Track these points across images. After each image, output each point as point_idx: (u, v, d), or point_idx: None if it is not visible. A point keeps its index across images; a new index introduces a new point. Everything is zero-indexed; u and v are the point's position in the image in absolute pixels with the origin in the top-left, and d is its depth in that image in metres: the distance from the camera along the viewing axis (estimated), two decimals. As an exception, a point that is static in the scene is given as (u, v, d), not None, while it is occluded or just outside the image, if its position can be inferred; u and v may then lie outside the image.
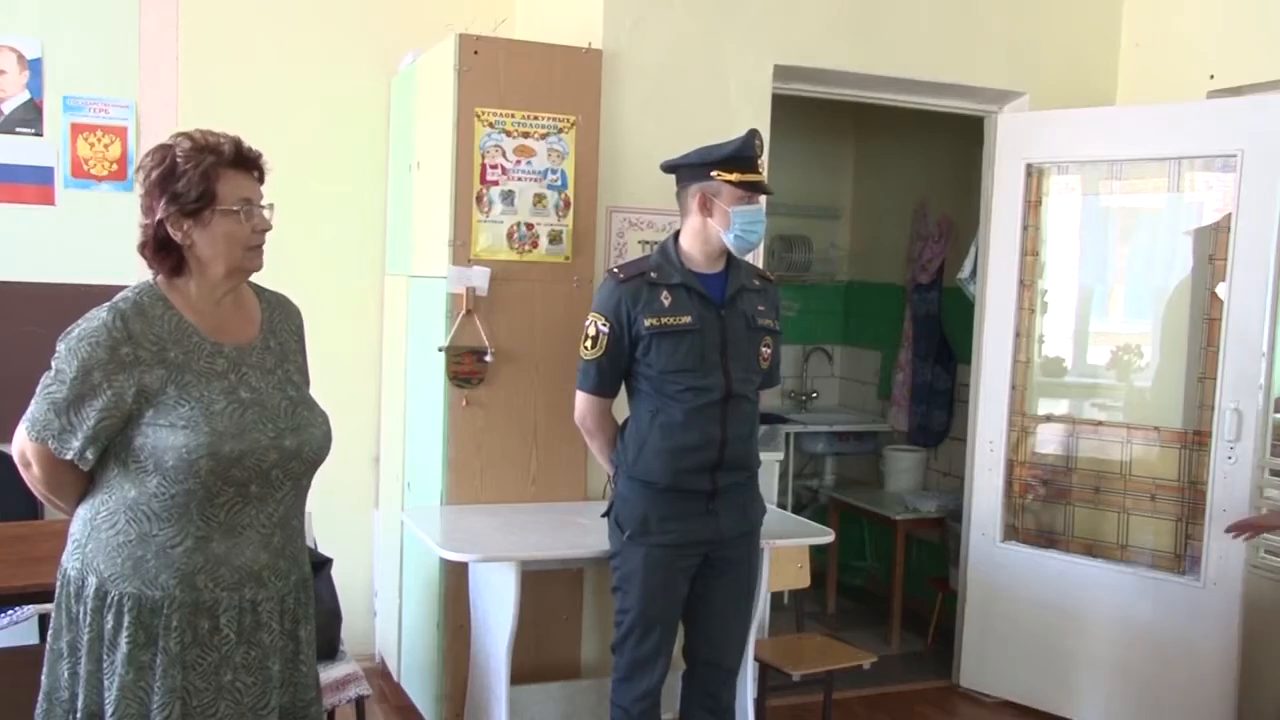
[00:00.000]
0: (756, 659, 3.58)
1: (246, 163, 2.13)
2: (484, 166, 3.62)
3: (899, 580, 5.21)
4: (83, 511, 2.14)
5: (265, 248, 2.16)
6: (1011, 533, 4.53)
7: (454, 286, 3.60)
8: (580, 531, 3.38)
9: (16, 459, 2.14)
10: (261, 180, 2.17)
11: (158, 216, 2.07)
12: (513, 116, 3.66)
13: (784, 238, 6.11)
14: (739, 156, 2.97)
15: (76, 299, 3.87)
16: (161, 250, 2.10)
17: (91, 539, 2.09)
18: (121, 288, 2.13)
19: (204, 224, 2.07)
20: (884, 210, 6.18)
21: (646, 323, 2.98)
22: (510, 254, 3.67)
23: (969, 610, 4.59)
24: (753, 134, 3.00)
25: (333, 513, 3.81)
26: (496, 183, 3.64)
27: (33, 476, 2.13)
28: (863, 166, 6.44)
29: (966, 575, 4.61)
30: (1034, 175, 4.45)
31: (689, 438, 2.97)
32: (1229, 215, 3.96)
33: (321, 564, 3.24)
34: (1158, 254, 4.49)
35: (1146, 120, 4.19)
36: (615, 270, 3.11)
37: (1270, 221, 3.84)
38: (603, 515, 3.17)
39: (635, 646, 3.05)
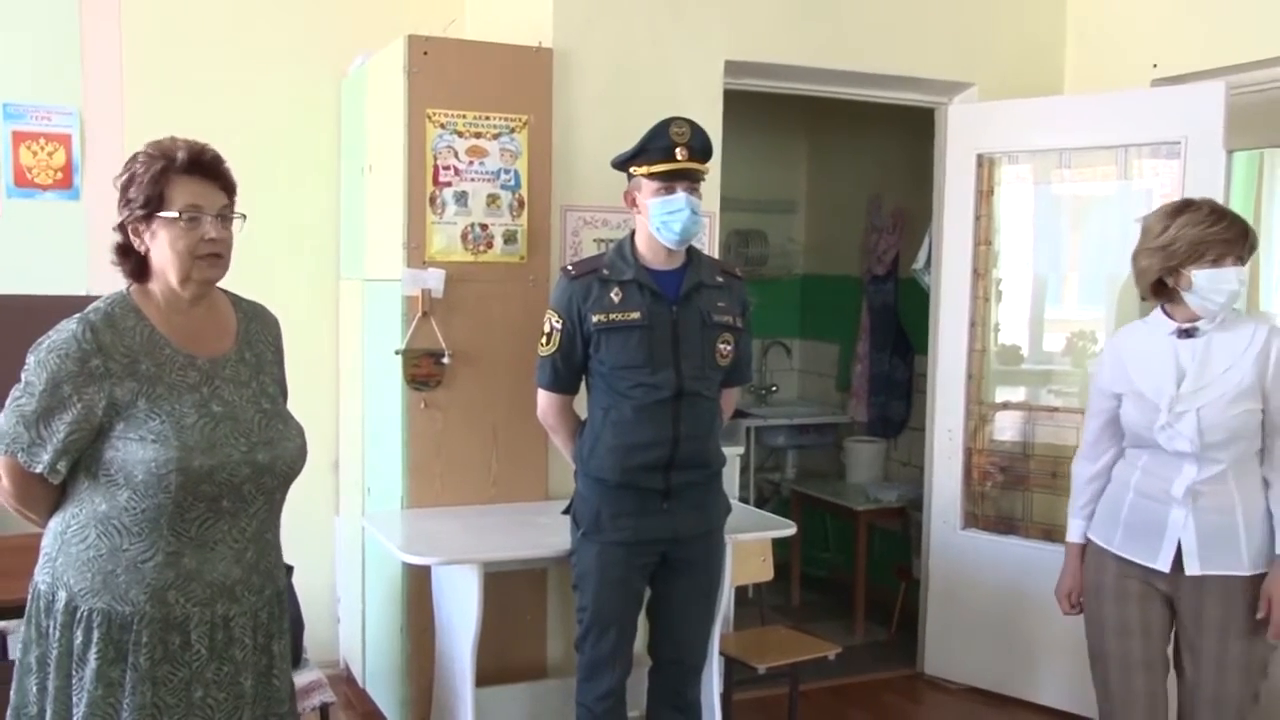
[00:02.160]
0: (721, 653, 3.59)
1: (204, 169, 2.10)
2: (436, 168, 3.60)
3: (862, 570, 5.24)
4: (53, 525, 2.12)
5: (228, 258, 2.13)
6: (972, 520, 4.57)
7: (409, 289, 3.58)
8: (542, 531, 3.37)
9: None
10: (226, 189, 2.13)
11: (118, 220, 2.09)
12: (464, 117, 3.64)
13: (740, 232, 6.13)
14: (649, 148, 2.97)
15: (20, 311, 3.85)
16: (125, 256, 2.11)
17: (62, 553, 2.07)
18: (67, 299, 2.12)
19: (154, 231, 2.07)
20: (839, 203, 6.22)
21: (595, 318, 2.98)
22: (465, 255, 3.65)
23: (931, 598, 4.63)
24: (666, 123, 2.97)
25: (293, 519, 3.74)
26: (449, 184, 3.62)
27: (3, 490, 2.12)
28: (817, 160, 6.47)
29: (928, 564, 4.65)
30: (985, 165, 4.48)
31: (640, 435, 2.97)
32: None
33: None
34: (1109, 241, 4.53)
35: (1092, 109, 4.24)
36: (568, 267, 3.13)
37: (1215, 206, 3.89)
38: (563, 512, 3.17)
39: (594, 645, 3.06)
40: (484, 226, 3.67)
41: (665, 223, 2.97)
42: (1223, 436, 2.71)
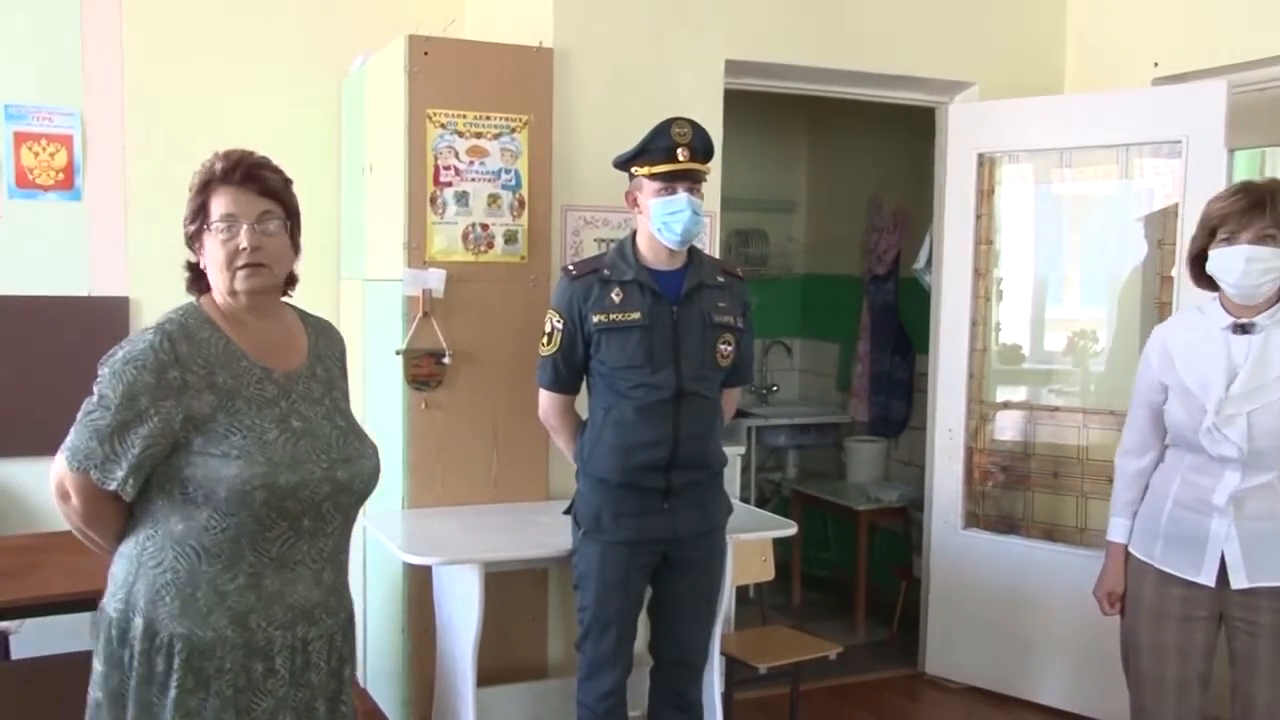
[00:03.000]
0: (723, 653, 3.59)
1: (241, 177, 2.03)
2: (437, 168, 3.60)
3: (863, 570, 5.25)
4: (126, 549, 2.03)
5: (277, 267, 2.06)
6: (973, 519, 4.57)
7: (410, 289, 3.58)
8: (543, 531, 3.37)
9: (54, 490, 2.03)
10: (268, 194, 2.06)
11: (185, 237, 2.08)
12: (464, 117, 3.64)
13: (740, 232, 6.13)
14: (650, 149, 2.97)
15: (23, 311, 3.86)
16: (193, 272, 2.09)
17: (140, 577, 1.98)
18: (69, 300, 2.11)
19: (204, 244, 2.04)
20: (839, 203, 6.22)
21: (595, 319, 2.99)
22: (466, 255, 3.65)
23: (932, 598, 4.63)
24: (667, 124, 2.97)
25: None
26: (450, 184, 3.62)
27: (71, 509, 2.02)
28: (817, 160, 6.47)
29: (929, 563, 4.65)
30: (985, 164, 4.48)
31: (640, 435, 2.97)
32: (1177, 201, 4.02)
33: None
34: (1110, 240, 4.54)
35: (1093, 108, 4.24)
36: (569, 267, 3.13)
37: (1217, 206, 3.89)
38: (564, 512, 3.17)
39: (595, 645, 3.06)
40: (485, 226, 3.67)
41: (667, 223, 2.97)
42: (1273, 444, 2.56)
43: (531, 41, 3.78)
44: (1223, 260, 2.57)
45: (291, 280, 2.19)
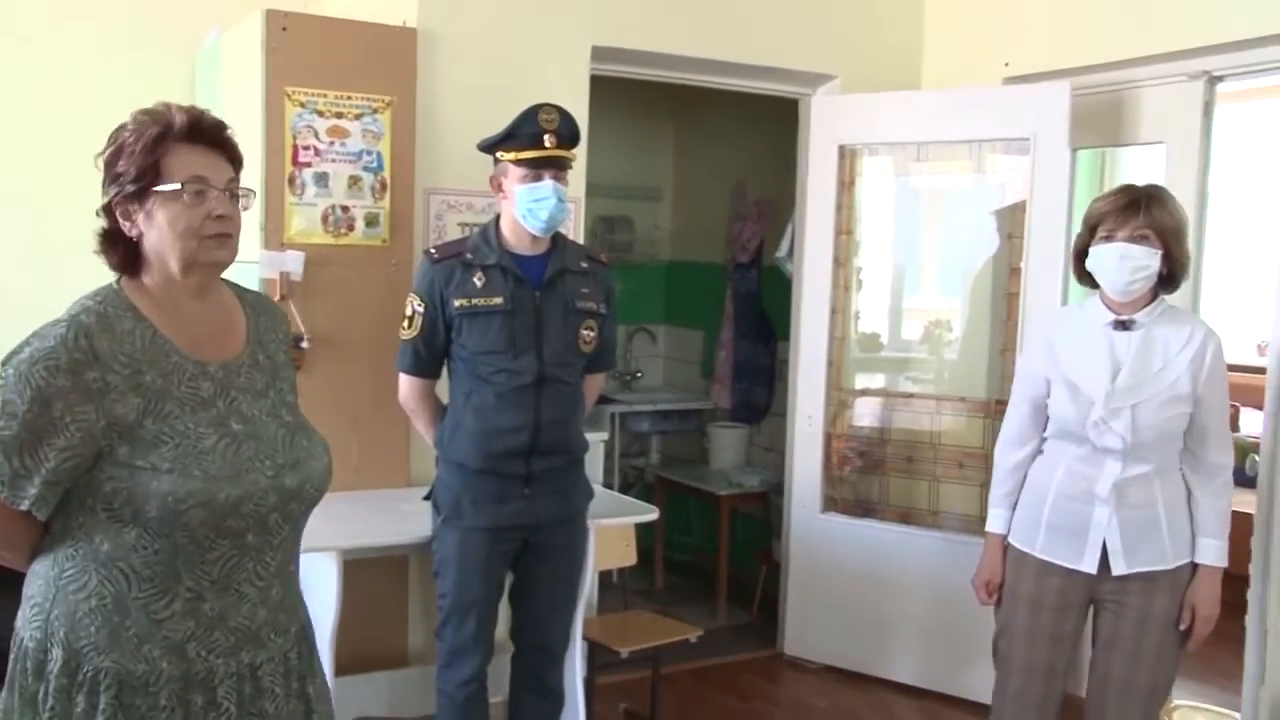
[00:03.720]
0: (585, 638, 3.59)
1: (207, 137, 1.79)
2: (296, 147, 3.51)
3: (724, 554, 5.32)
4: (41, 568, 1.76)
5: (238, 240, 1.81)
6: (831, 504, 4.67)
7: (266, 272, 3.49)
8: (403, 517, 3.33)
9: None
10: (233, 160, 1.82)
11: (103, 201, 1.78)
12: (325, 96, 3.56)
13: (605, 219, 6.14)
14: (517, 134, 2.96)
15: None
16: (112, 243, 1.79)
17: (57, 603, 1.72)
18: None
19: (149, 209, 1.74)
20: (704, 191, 6.28)
21: (456, 303, 2.96)
22: (325, 237, 3.57)
23: (791, 581, 4.72)
24: (535, 109, 2.96)
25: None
26: (309, 164, 3.53)
27: None
28: (683, 148, 6.52)
29: (789, 547, 4.74)
30: (846, 156, 4.58)
31: (501, 420, 2.96)
32: (1026, 197, 4.17)
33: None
34: (964, 233, 4.69)
35: (947, 104, 4.37)
36: (431, 250, 3.10)
37: (1060, 202, 4.07)
38: (424, 498, 3.14)
39: (455, 631, 3.04)
40: (345, 209, 3.60)
41: (532, 210, 2.95)
42: (1153, 437, 2.66)
43: (395, 21, 3.71)
44: (1099, 257, 2.66)
45: None
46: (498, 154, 3.01)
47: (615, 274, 3.27)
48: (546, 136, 2.94)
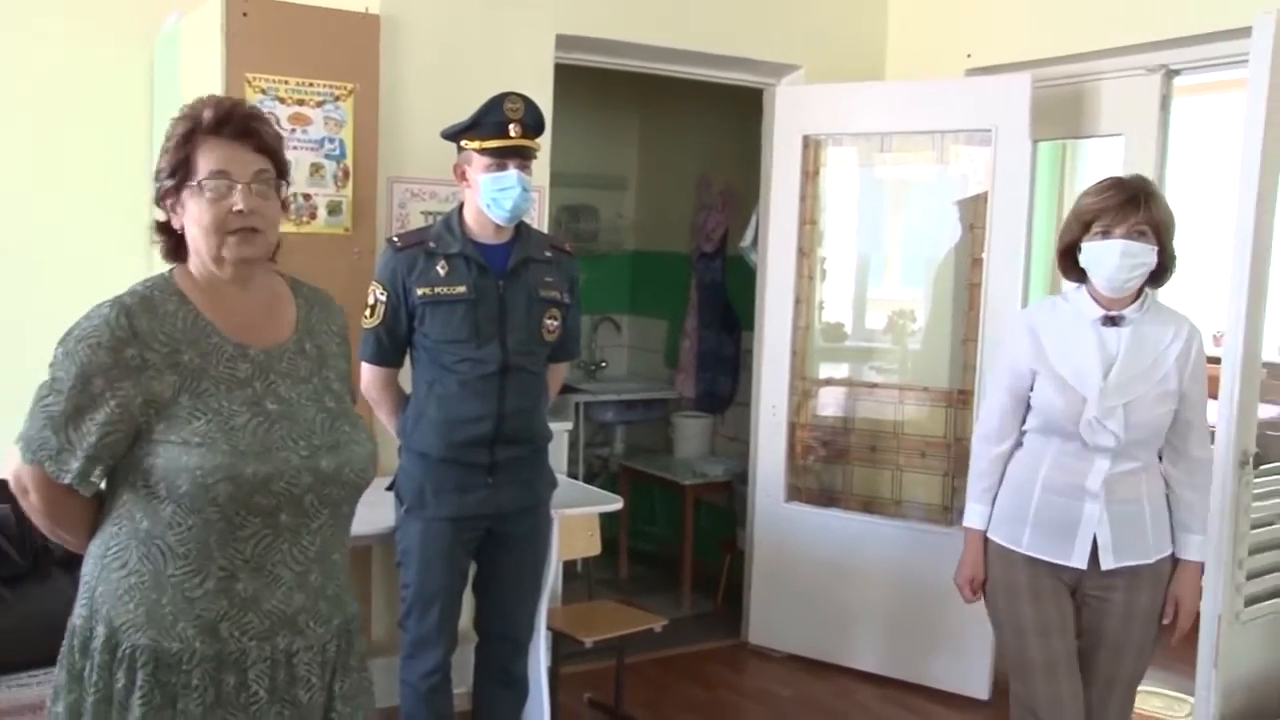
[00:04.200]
0: (549, 628, 3.60)
1: (234, 129, 1.80)
2: (257, 134, 3.47)
3: (689, 544, 5.34)
4: (93, 547, 1.83)
5: (270, 233, 1.83)
6: (795, 493, 4.69)
7: (227, 260, 3.44)
8: (366, 508, 3.24)
9: (12, 485, 1.83)
10: (264, 150, 1.83)
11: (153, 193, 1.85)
12: (286, 83, 3.52)
13: (570, 208, 6.12)
14: (481, 123, 2.95)
15: None
16: (165, 234, 1.87)
17: (101, 580, 1.78)
18: None
19: (183, 203, 1.80)
20: (669, 180, 6.27)
21: (419, 292, 2.94)
22: (287, 226, 3.49)
23: (755, 570, 4.74)
24: (500, 98, 2.95)
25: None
26: (270, 151, 3.49)
27: (31, 505, 1.83)
28: (648, 137, 6.51)
29: (753, 536, 4.76)
30: (811, 146, 4.59)
31: (465, 410, 2.95)
32: (988, 188, 4.20)
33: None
34: (927, 223, 4.72)
35: (910, 95, 4.39)
36: (394, 239, 3.08)
37: (1021, 193, 4.11)
38: (386, 489, 3.12)
39: (418, 622, 3.03)
40: (307, 197, 3.57)
41: (496, 199, 2.94)
42: (1145, 435, 2.63)
43: (358, 7, 3.68)
44: (1097, 253, 2.59)
45: (278, 245, 1.95)
46: (461, 142, 2.99)
47: (579, 263, 3.27)
48: (511, 126, 2.93)
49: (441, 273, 2.96)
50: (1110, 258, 2.57)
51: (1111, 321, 2.64)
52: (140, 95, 4.14)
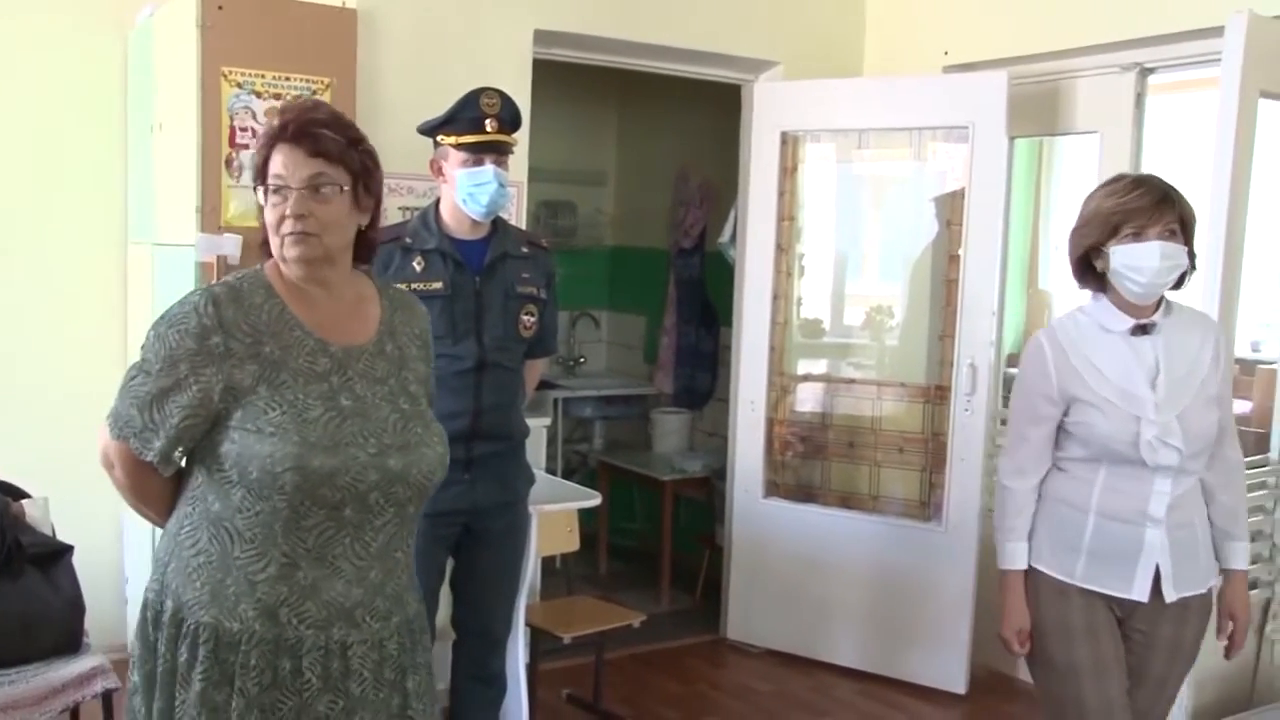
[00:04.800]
0: (527, 624, 3.60)
1: (294, 133, 1.86)
2: (233, 129, 3.45)
3: (668, 539, 5.34)
4: (169, 525, 1.91)
5: (326, 236, 1.87)
6: (773, 489, 4.70)
7: (203, 255, 3.43)
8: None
9: (100, 459, 1.92)
10: (323, 154, 1.86)
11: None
12: (263, 77, 3.50)
13: (549, 203, 6.11)
14: (458, 118, 2.94)
15: None
16: (264, 231, 1.92)
17: (174, 557, 1.86)
18: None
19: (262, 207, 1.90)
20: (647, 176, 6.27)
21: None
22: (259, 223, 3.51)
23: (734, 565, 4.75)
24: (476, 94, 2.94)
25: (75, 496, 3.58)
26: (247, 146, 3.47)
27: (116, 479, 1.92)
28: (626, 132, 6.51)
29: (731, 532, 4.77)
30: (789, 143, 4.60)
31: (441, 405, 2.89)
32: (965, 184, 4.22)
33: (61, 552, 3.06)
34: (905, 219, 4.73)
35: (888, 92, 4.40)
36: (371, 235, 3.06)
37: (998, 190, 4.13)
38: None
39: (396, 619, 3.02)
40: (283, 191, 3.54)
41: (472, 194, 2.93)
42: (1201, 446, 2.42)
43: (335, 1, 3.66)
44: (1134, 257, 2.36)
45: (369, 247, 2.02)
46: (438, 138, 2.99)
47: (557, 259, 3.27)
48: (488, 121, 2.92)
49: (418, 268, 2.95)
50: (1150, 261, 2.35)
51: (1142, 330, 2.44)
52: (114, 89, 4.10)
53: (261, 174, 1.89)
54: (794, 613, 4.56)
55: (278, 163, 1.86)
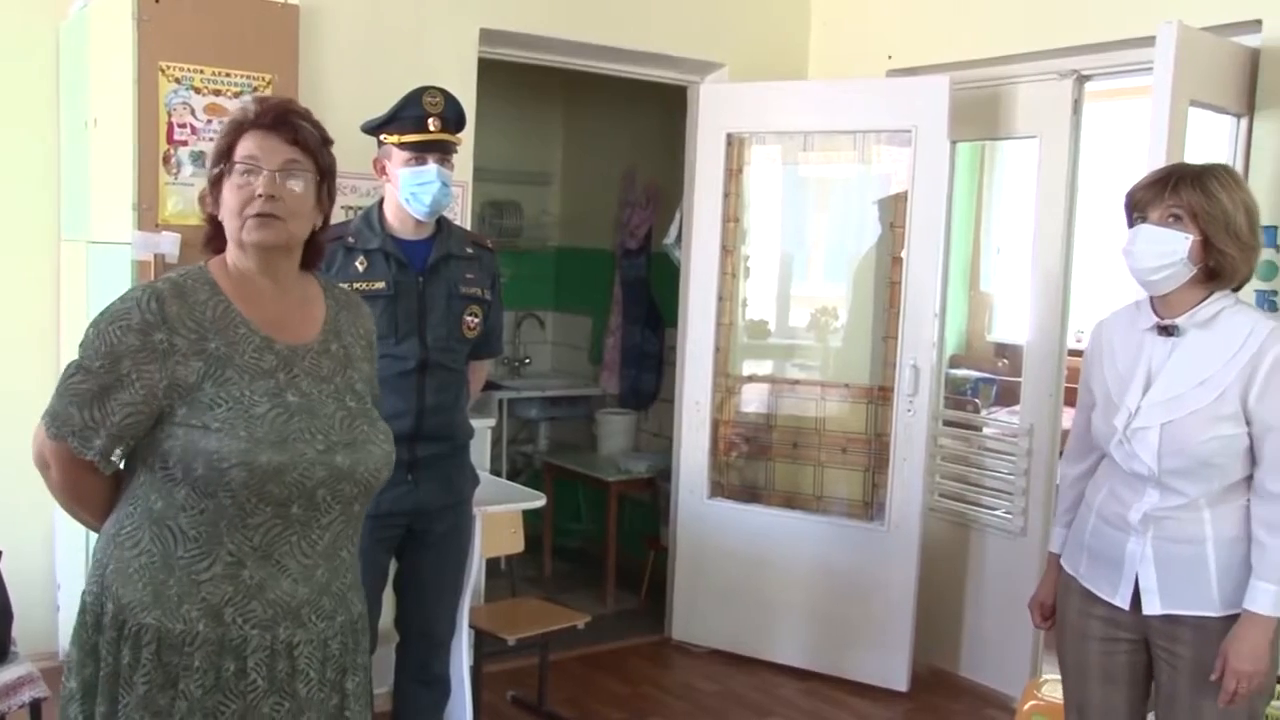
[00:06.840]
0: (472, 626, 3.58)
1: (272, 119, 1.87)
2: (171, 125, 3.40)
3: (613, 540, 5.33)
4: (107, 526, 1.88)
5: (293, 223, 1.87)
6: (718, 489, 4.71)
7: (139, 253, 3.37)
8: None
9: (35, 460, 1.88)
10: (298, 142, 1.88)
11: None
12: (202, 72, 3.44)
13: (495, 204, 6.09)
14: (400, 117, 2.92)
15: None
16: (208, 225, 1.94)
17: (113, 559, 1.83)
18: None
19: (222, 191, 1.87)
20: (593, 177, 6.27)
21: None
22: (203, 219, 3.45)
23: (679, 566, 4.76)
24: (419, 92, 2.93)
25: (4, 499, 3.51)
26: (186, 143, 3.42)
27: (51, 481, 1.88)
28: (572, 133, 6.50)
29: (676, 532, 4.77)
30: (734, 144, 4.61)
31: (384, 406, 2.90)
32: (908, 187, 4.26)
33: (-9, 557, 3.00)
34: (849, 221, 4.77)
35: (832, 95, 4.43)
36: (313, 234, 3.02)
37: (939, 193, 4.17)
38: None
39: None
40: (223, 189, 3.49)
41: (415, 194, 2.91)
42: (1185, 464, 2.25)
43: (276, -4, 3.61)
44: (1125, 241, 2.30)
45: (318, 251, 2.03)
46: (381, 136, 2.97)
47: (502, 259, 3.25)
48: (431, 120, 2.90)
49: (360, 268, 2.92)
50: (1130, 244, 2.28)
51: (1166, 331, 2.30)
52: (46, 82, 4.01)
53: (225, 158, 1.87)
54: (738, 612, 4.58)
55: (250, 145, 1.85)
